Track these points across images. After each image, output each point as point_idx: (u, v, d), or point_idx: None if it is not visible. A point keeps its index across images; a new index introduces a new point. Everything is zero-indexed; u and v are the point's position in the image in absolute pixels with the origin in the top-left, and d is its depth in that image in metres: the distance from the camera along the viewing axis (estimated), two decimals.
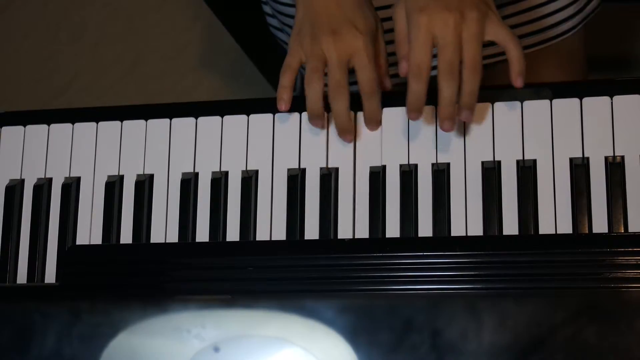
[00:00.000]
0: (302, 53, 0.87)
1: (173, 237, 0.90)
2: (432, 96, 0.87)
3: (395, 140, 0.88)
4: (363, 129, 0.89)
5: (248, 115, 0.92)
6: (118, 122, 0.94)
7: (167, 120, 0.93)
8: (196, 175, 0.91)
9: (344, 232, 0.87)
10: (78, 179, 0.93)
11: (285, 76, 0.88)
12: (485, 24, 0.81)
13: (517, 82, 0.82)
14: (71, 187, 0.93)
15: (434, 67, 0.96)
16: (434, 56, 0.82)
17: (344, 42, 0.85)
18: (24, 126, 0.96)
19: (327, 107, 0.88)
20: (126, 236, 0.91)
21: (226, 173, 0.91)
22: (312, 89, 0.86)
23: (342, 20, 0.85)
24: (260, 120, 0.91)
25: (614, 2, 1.26)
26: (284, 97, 0.88)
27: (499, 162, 0.86)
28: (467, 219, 0.85)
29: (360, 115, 0.89)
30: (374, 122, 0.88)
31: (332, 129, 0.89)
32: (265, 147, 0.91)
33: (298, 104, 0.90)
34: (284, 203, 0.89)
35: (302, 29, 0.87)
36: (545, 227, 0.84)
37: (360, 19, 0.86)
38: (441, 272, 0.76)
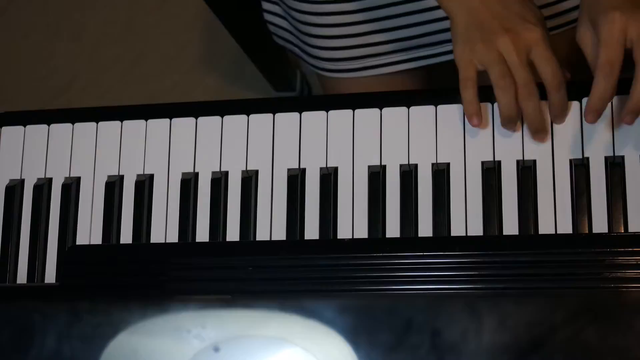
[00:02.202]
0: (476, 61, 0.83)
1: (173, 237, 0.90)
2: (433, 96, 0.87)
3: (395, 140, 0.88)
4: (362, 128, 0.89)
5: (248, 115, 0.92)
6: (118, 122, 0.94)
7: (167, 120, 0.93)
8: (196, 175, 0.91)
9: (343, 232, 0.87)
10: (78, 179, 0.93)
11: (468, 91, 0.84)
12: None
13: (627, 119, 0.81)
14: (71, 187, 0.93)
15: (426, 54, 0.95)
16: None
17: (520, 38, 0.82)
18: (24, 126, 0.96)
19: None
20: (126, 236, 0.91)
21: (226, 173, 0.91)
22: (505, 95, 0.83)
23: (513, 17, 0.82)
24: (260, 120, 0.91)
25: None
26: (474, 111, 0.84)
27: (499, 162, 0.86)
28: (467, 219, 0.85)
29: (356, 113, 0.89)
30: (564, 114, 0.85)
31: (332, 128, 0.89)
32: (265, 147, 0.91)
33: (298, 104, 0.90)
34: (284, 203, 0.89)
35: (469, 37, 0.84)
36: (545, 227, 0.84)
37: (529, 12, 0.83)
38: (441, 272, 0.76)
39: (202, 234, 0.90)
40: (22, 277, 0.91)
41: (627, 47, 0.79)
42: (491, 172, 0.86)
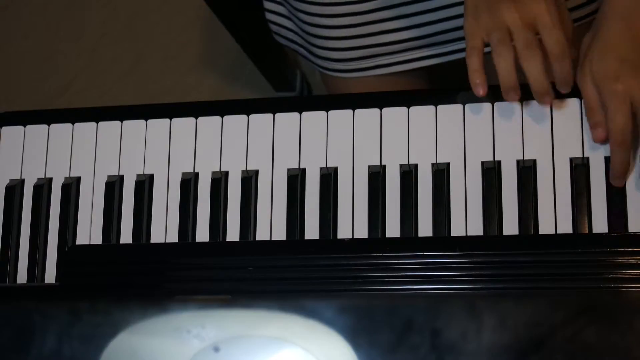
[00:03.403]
0: (483, 31, 0.83)
1: (173, 237, 0.90)
2: (433, 95, 0.87)
3: (395, 140, 0.88)
4: (362, 128, 0.89)
5: (248, 115, 0.92)
6: (118, 122, 0.94)
7: (167, 120, 0.93)
8: (196, 175, 0.91)
9: (343, 232, 0.87)
10: (78, 179, 0.93)
11: (473, 59, 0.83)
12: None
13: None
14: (71, 187, 0.93)
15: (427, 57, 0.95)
16: None
17: (525, 6, 0.81)
18: (24, 126, 0.96)
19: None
20: (126, 236, 0.91)
21: (226, 173, 0.91)
22: (502, 60, 0.82)
23: None
24: (260, 120, 0.91)
25: None
26: (478, 80, 0.83)
27: (499, 162, 0.86)
28: (467, 219, 0.85)
29: (356, 113, 0.89)
30: (567, 85, 0.84)
31: (332, 128, 0.89)
32: (265, 147, 0.91)
33: (298, 104, 0.90)
34: (284, 203, 0.89)
35: (477, 9, 0.83)
36: (545, 227, 0.84)
37: None
38: (441, 272, 0.76)
39: (202, 234, 0.90)
40: (22, 277, 0.91)
41: (633, 110, 0.80)
42: (491, 172, 0.86)
